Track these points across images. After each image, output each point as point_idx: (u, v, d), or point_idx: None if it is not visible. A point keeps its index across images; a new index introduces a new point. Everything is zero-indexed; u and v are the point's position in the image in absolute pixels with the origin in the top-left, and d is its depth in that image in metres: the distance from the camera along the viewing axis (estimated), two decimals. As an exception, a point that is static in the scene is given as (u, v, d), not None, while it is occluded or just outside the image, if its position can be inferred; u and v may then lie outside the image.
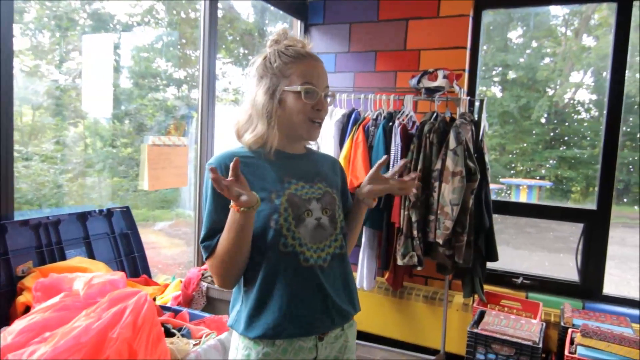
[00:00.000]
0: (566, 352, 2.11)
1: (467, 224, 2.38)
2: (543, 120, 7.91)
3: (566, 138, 7.75)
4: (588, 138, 7.59)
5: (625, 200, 6.51)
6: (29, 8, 2.63)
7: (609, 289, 2.69)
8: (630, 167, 6.09)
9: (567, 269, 5.42)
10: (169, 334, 1.56)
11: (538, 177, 7.82)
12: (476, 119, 2.53)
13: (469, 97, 2.62)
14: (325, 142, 2.76)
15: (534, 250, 6.34)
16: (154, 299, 1.95)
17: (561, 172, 7.80)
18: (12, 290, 1.54)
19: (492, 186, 2.59)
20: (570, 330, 2.25)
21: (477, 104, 2.61)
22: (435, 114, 2.55)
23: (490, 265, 2.66)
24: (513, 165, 8.01)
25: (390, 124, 2.57)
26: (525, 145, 7.80)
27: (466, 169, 2.35)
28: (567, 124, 7.93)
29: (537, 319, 2.39)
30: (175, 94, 3.73)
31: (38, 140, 2.79)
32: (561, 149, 7.69)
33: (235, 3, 4.05)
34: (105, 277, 1.47)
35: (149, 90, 3.42)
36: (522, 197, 7.56)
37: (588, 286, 2.68)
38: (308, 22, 3.23)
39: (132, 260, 1.98)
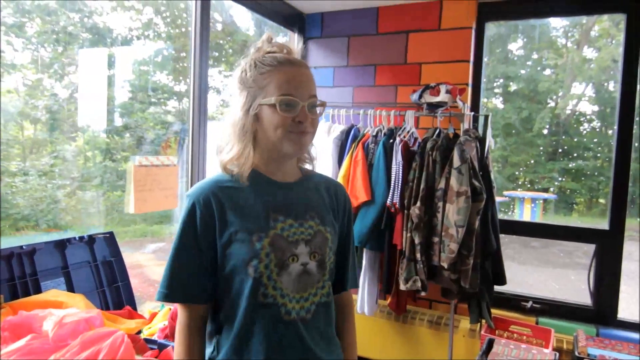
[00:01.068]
0: (582, 386, 1.97)
1: (473, 247, 2.24)
2: (545, 132, 7.82)
3: (570, 150, 7.65)
4: (597, 151, 7.48)
5: (632, 213, 6.38)
6: (32, 22, 2.57)
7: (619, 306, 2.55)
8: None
9: (573, 285, 5.27)
10: (149, 376, 1.43)
11: (542, 190, 7.70)
12: (481, 135, 2.41)
13: (473, 113, 2.50)
14: (323, 160, 2.64)
15: (539, 266, 6.19)
16: (139, 332, 1.81)
17: (565, 184, 7.69)
18: (-20, 328, 1.41)
19: (496, 199, 2.47)
20: (585, 360, 2.11)
21: (481, 119, 2.50)
22: (437, 130, 2.43)
23: (498, 287, 2.52)
24: (516, 177, 7.90)
25: (391, 140, 2.45)
26: (528, 158, 7.69)
27: (471, 189, 2.22)
28: (570, 136, 7.84)
29: (550, 348, 2.24)
30: (176, 107, 3.65)
31: (36, 155, 2.72)
32: (565, 160, 7.59)
33: (235, 16, 3.98)
34: (80, 315, 1.34)
35: (149, 104, 3.35)
36: (526, 210, 7.44)
37: (602, 311, 2.54)
38: (306, 36, 3.14)
39: (115, 290, 1.85)
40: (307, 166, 1.16)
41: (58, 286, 1.65)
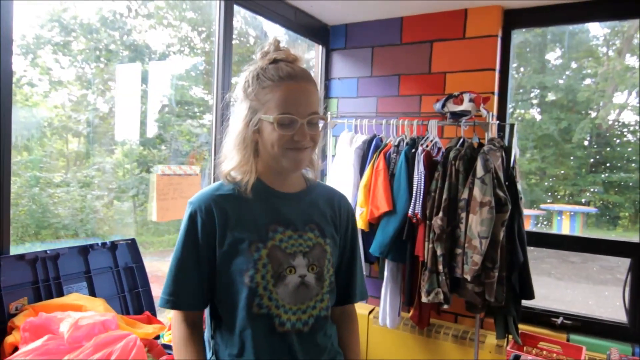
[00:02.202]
0: (614, 408, 1.86)
1: (497, 259, 2.18)
2: (586, 143, 7.55)
3: (612, 162, 7.35)
4: (635, 161, 7.15)
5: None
6: (77, 41, 2.71)
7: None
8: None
9: (608, 302, 5.01)
10: (161, 381, 1.45)
11: (582, 202, 7.40)
12: (506, 144, 2.35)
13: (497, 122, 2.45)
14: (345, 170, 2.64)
15: (578, 282, 5.93)
16: (158, 337, 1.84)
17: (607, 197, 7.38)
18: (4, 328, 1.47)
19: (532, 212, 2.38)
20: (618, 381, 2.00)
21: (507, 128, 2.44)
22: (461, 140, 2.39)
23: (526, 302, 2.43)
24: (555, 190, 7.63)
25: (413, 150, 2.42)
26: (567, 169, 7.44)
27: (496, 199, 2.16)
28: (612, 147, 7.54)
29: (580, 367, 2.14)
30: (212, 120, 3.75)
31: (78, 167, 2.85)
32: (606, 173, 7.29)
33: (268, 31, 4.05)
34: (95, 318, 1.38)
35: (186, 117, 3.45)
36: (565, 225, 7.16)
37: (638, 328, 2.40)
38: (330, 47, 3.16)
39: (136, 295, 1.89)
40: (311, 175, 1.15)
41: (80, 290, 1.71)
